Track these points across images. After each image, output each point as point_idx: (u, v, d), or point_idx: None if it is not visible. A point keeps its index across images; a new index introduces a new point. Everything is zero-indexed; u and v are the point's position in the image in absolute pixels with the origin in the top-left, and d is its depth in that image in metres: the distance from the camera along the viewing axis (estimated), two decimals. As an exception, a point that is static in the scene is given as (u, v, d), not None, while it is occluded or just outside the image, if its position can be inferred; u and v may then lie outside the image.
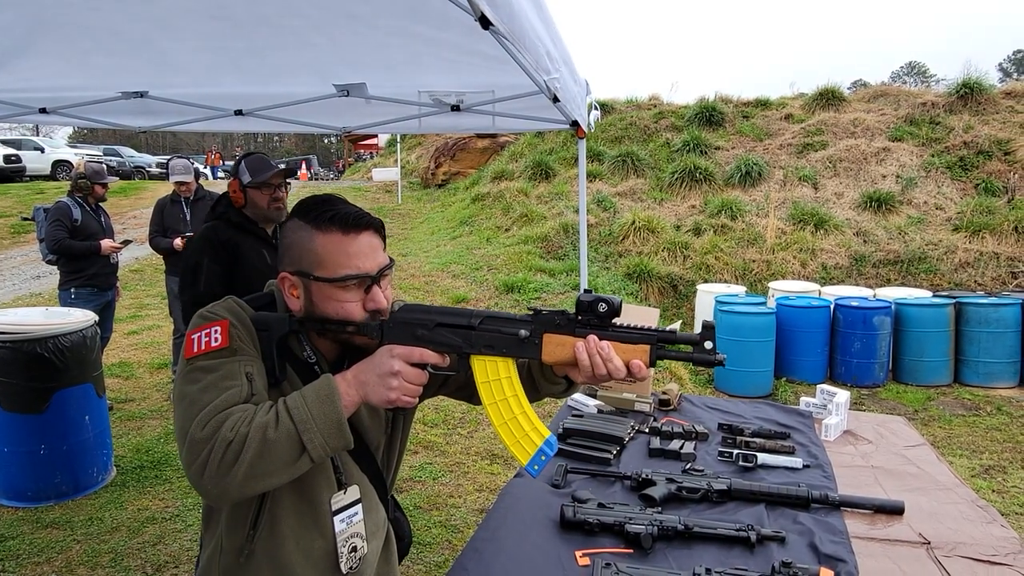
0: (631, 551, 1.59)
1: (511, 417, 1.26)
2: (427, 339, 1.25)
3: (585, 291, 1.28)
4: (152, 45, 2.71)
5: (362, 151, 34.25)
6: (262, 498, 1.29)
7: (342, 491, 1.35)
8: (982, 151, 10.87)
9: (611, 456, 2.13)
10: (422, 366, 1.23)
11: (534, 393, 1.38)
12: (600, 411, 2.55)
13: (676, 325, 1.25)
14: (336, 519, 1.34)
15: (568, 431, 2.27)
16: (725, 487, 1.87)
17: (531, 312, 1.27)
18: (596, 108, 3.24)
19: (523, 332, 1.25)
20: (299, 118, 3.53)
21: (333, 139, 63.69)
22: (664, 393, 2.70)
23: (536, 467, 1.24)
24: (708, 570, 1.42)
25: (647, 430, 2.38)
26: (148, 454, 4.58)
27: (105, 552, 3.42)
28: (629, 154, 12.49)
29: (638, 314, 2.76)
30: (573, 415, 2.45)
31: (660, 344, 1.22)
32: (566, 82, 2.28)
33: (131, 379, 6.26)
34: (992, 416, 5.91)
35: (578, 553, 1.58)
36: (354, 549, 1.37)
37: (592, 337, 1.21)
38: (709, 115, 13.20)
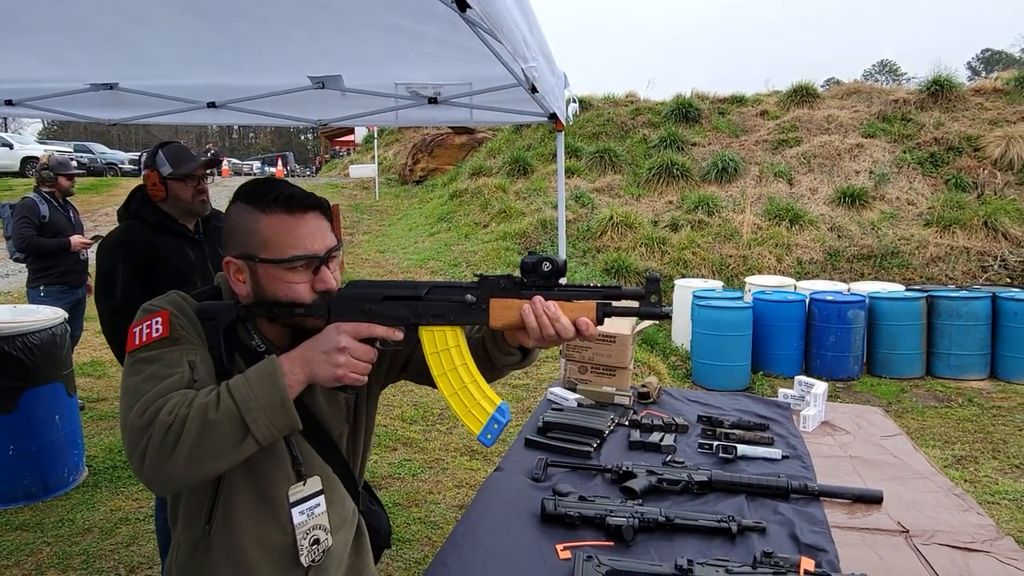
0: (612, 544, 1.58)
1: (461, 387, 1.26)
2: (375, 313, 1.24)
3: (529, 253, 1.27)
4: (123, 37, 2.65)
5: (339, 147, 33.98)
6: (216, 491, 1.26)
7: (301, 482, 1.32)
8: (952, 147, 11.06)
9: (591, 449, 2.12)
10: (371, 341, 1.21)
11: (491, 368, 1.36)
12: (580, 404, 2.54)
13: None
14: (295, 511, 1.31)
15: (548, 425, 2.26)
16: (706, 479, 1.87)
17: (477, 278, 1.26)
18: (575, 101, 3.23)
19: (470, 297, 1.24)
20: (274, 111, 3.47)
21: (309, 136, 63.19)
22: (644, 386, 2.70)
23: (489, 436, 1.23)
24: (690, 561, 1.41)
25: (627, 423, 2.38)
26: (121, 454, 4.49)
27: (77, 554, 3.35)
28: (606, 150, 12.53)
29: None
30: (553, 408, 2.44)
31: (606, 301, 1.22)
32: (544, 73, 2.27)
33: (103, 378, 6.15)
34: (963, 408, 6.02)
35: (559, 546, 1.56)
36: (316, 542, 1.34)
37: (537, 298, 1.21)
38: (685, 111, 13.29)
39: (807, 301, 6.96)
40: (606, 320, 1.25)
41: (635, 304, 1.22)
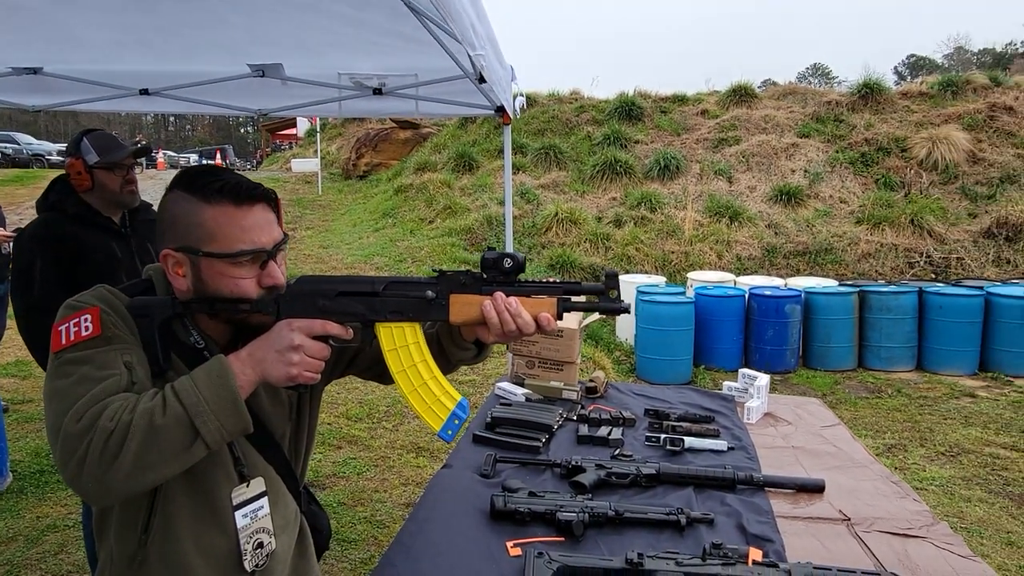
0: (563, 539, 1.57)
1: (421, 383, 1.24)
2: (329, 310, 1.20)
3: (489, 249, 1.26)
4: (49, 19, 2.50)
5: (280, 141, 33.21)
6: (153, 497, 1.19)
7: (244, 484, 1.26)
8: (881, 148, 11.49)
9: (540, 444, 2.11)
10: (324, 339, 1.16)
11: (445, 363, 1.35)
12: (528, 399, 2.52)
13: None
14: (238, 514, 1.25)
15: (496, 420, 2.24)
16: (654, 471, 1.87)
17: (436, 273, 1.24)
18: (522, 95, 3.21)
19: (430, 293, 1.22)
20: (212, 99, 3.35)
21: (250, 128, 61.61)
22: (591, 381, 2.71)
23: (450, 432, 1.22)
24: (640, 555, 1.41)
25: (575, 417, 2.38)
26: (48, 458, 4.27)
27: (0, 564, 3.17)
28: (551, 147, 12.58)
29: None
30: (501, 403, 2.42)
31: (566, 296, 1.23)
32: (492, 63, 2.24)
33: (29, 379, 5.84)
34: (893, 398, 6.26)
35: (509, 543, 1.54)
36: (260, 545, 1.28)
37: (499, 294, 1.21)
38: (629, 109, 13.44)
39: (747, 296, 7.13)
40: None
41: (594, 299, 1.23)
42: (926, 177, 10.81)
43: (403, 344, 1.24)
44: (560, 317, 1.23)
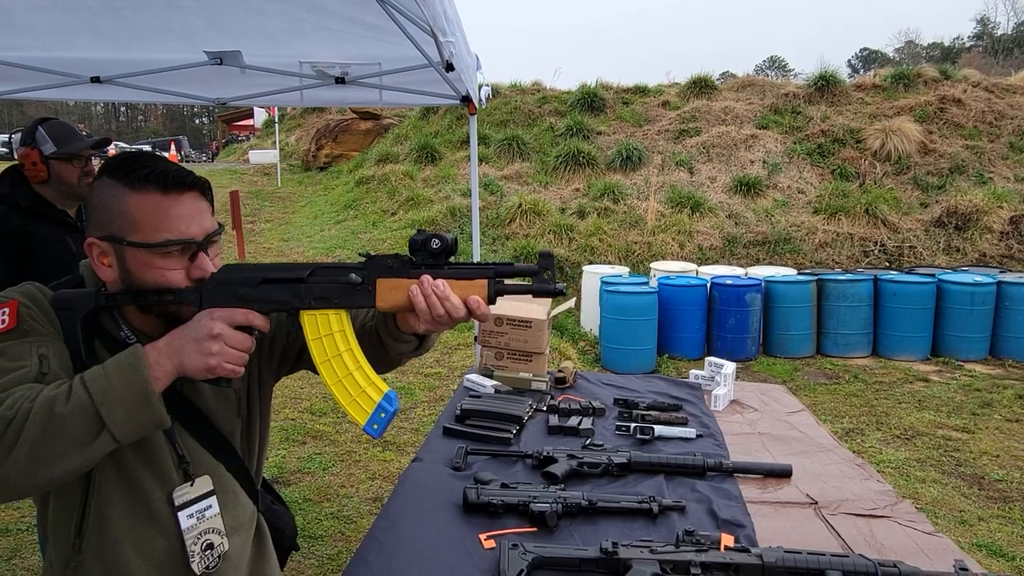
0: (536, 530, 1.57)
1: (346, 374, 1.18)
2: (251, 298, 1.15)
3: (418, 231, 1.21)
4: (-10, 3, 2.39)
5: (236, 132, 32.51)
6: (85, 499, 1.14)
7: (188, 483, 1.22)
8: (837, 139, 11.74)
9: (511, 435, 2.10)
10: (248, 329, 1.12)
11: (386, 358, 1.30)
12: (497, 391, 2.51)
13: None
14: (181, 514, 1.21)
15: (466, 412, 2.22)
16: (625, 460, 1.88)
17: (363, 257, 1.20)
18: (487, 86, 3.19)
19: (354, 277, 1.18)
20: (167, 87, 3.25)
21: (205, 119, 60.15)
22: (560, 371, 2.71)
23: (376, 426, 1.17)
24: (615, 544, 1.41)
25: (545, 408, 2.38)
26: (-4, 461, 4.13)
27: (-54, 572, 3.05)
28: (514, 138, 12.56)
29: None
30: (470, 396, 2.40)
31: (498, 279, 1.18)
32: (461, 51, 2.21)
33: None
34: (850, 383, 6.42)
35: (483, 536, 1.53)
36: (210, 546, 1.24)
37: (425, 277, 1.15)
38: (591, 101, 13.48)
39: (708, 286, 7.22)
40: (523, 306, 1.22)
41: (528, 281, 1.17)
42: (880, 168, 11.09)
43: (328, 332, 1.19)
44: (493, 301, 1.18)
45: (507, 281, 1.19)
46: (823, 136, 11.85)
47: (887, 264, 9.21)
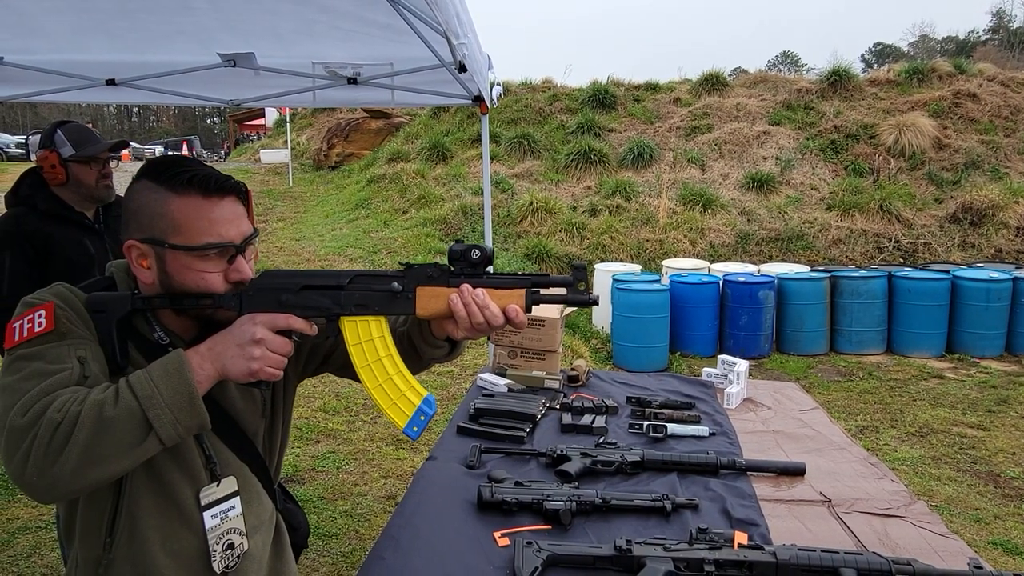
0: (550, 528, 1.58)
1: (386, 379, 1.21)
2: (292, 304, 1.18)
3: (456, 241, 1.25)
4: (7, 5, 2.42)
5: (248, 132, 32.70)
6: (117, 499, 1.16)
7: (215, 483, 1.24)
8: (850, 135, 11.66)
9: (524, 434, 2.11)
10: (288, 334, 1.14)
11: (417, 360, 1.33)
12: (510, 390, 2.52)
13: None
14: (207, 514, 1.22)
15: (480, 411, 2.24)
16: (638, 458, 1.89)
17: (403, 267, 1.22)
18: (499, 84, 3.19)
19: (396, 285, 1.21)
20: (182, 90, 3.27)
21: (216, 119, 60.51)
22: (573, 369, 2.72)
23: (415, 428, 1.20)
24: (629, 541, 1.42)
25: (558, 406, 2.38)
26: (16, 459, 4.18)
27: (-31, 569, 3.10)
28: (525, 136, 12.55)
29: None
30: (484, 395, 2.42)
31: (535, 288, 1.22)
32: (473, 51, 2.22)
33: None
34: (864, 381, 6.39)
35: (497, 534, 1.54)
36: (231, 546, 1.26)
37: (466, 286, 1.19)
38: (602, 98, 13.44)
39: (721, 283, 7.20)
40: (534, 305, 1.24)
41: (563, 291, 1.21)
42: (894, 163, 11.00)
43: (368, 338, 1.22)
44: (529, 309, 1.22)
45: (542, 291, 1.23)
46: (836, 132, 11.76)
47: (901, 261, 9.15)
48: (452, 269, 1.22)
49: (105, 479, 1.03)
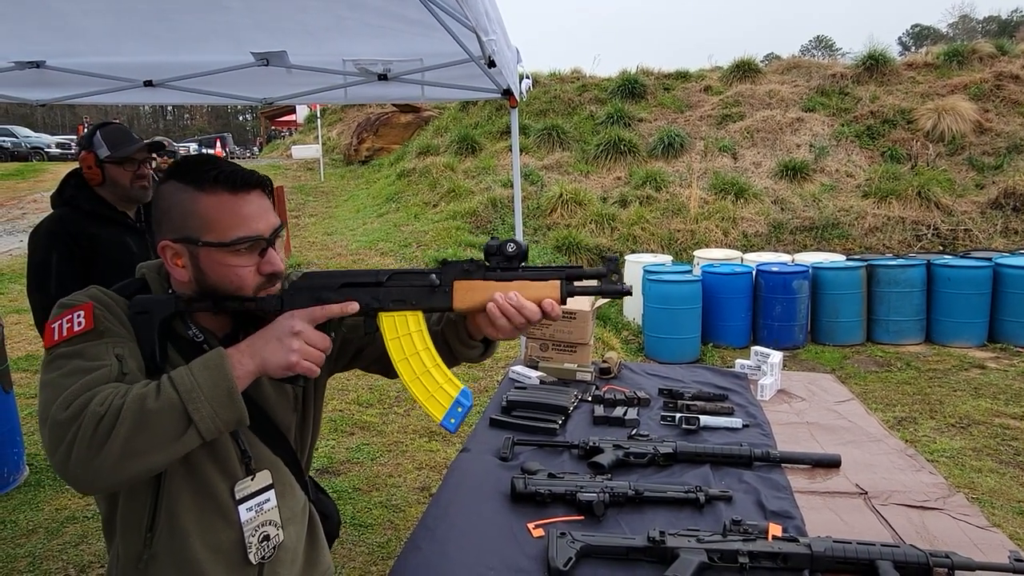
0: (583, 519, 1.59)
1: (423, 371, 1.24)
2: (331, 301, 1.22)
3: (492, 237, 1.27)
4: (49, 8, 2.49)
5: (279, 128, 33.08)
6: (156, 495, 1.19)
7: (250, 477, 1.27)
8: (887, 120, 11.40)
9: (557, 426, 2.13)
10: (326, 328, 1.17)
11: (450, 359, 1.35)
12: (542, 382, 2.54)
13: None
14: (242, 508, 1.26)
15: (512, 403, 2.25)
16: (671, 450, 1.89)
17: (439, 263, 1.26)
18: (528, 77, 3.20)
19: (433, 278, 1.24)
20: (216, 89, 3.34)
21: (248, 116, 61.36)
22: (604, 361, 2.72)
23: (453, 421, 1.22)
24: (662, 532, 1.43)
25: (590, 398, 2.39)
26: (64, 450, 4.32)
27: (22, 556, 3.21)
28: (554, 127, 12.51)
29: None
30: (516, 387, 2.43)
31: (569, 280, 1.24)
32: (502, 47, 2.23)
33: (40, 372, 5.89)
34: (902, 371, 6.26)
35: (531, 525, 1.56)
36: (266, 538, 1.29)
37: (498, 295, 1.21)
38: (631, 87, 13.33)
39: (754, 273, 7.11)
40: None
41: (596, 283, 1.24)
42: (932, 149, 10.73)
43: (405, 332, 1.25)
44: (564, 301, 1.25)
45: (576, 283, 1.25)
46: (872, 117, 11.51)
47: (941, 248, 8.93)
48: (488, 264, 1.24)
49: (145, 472, 1.05)
